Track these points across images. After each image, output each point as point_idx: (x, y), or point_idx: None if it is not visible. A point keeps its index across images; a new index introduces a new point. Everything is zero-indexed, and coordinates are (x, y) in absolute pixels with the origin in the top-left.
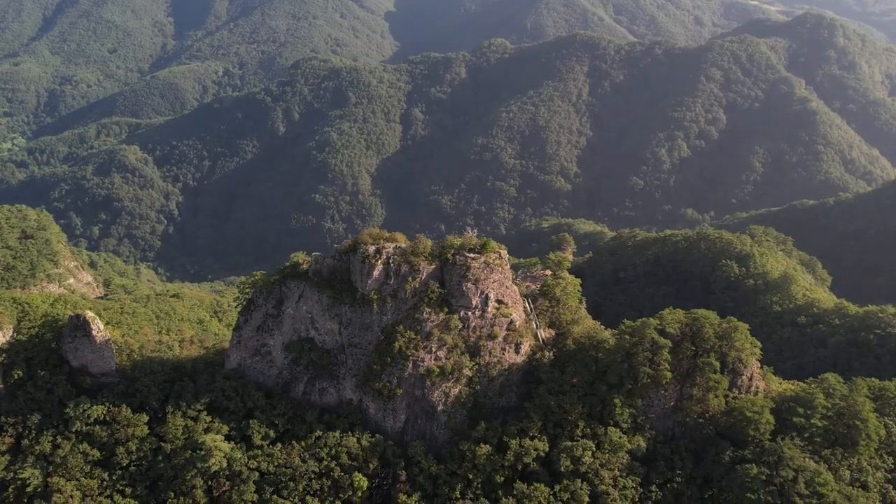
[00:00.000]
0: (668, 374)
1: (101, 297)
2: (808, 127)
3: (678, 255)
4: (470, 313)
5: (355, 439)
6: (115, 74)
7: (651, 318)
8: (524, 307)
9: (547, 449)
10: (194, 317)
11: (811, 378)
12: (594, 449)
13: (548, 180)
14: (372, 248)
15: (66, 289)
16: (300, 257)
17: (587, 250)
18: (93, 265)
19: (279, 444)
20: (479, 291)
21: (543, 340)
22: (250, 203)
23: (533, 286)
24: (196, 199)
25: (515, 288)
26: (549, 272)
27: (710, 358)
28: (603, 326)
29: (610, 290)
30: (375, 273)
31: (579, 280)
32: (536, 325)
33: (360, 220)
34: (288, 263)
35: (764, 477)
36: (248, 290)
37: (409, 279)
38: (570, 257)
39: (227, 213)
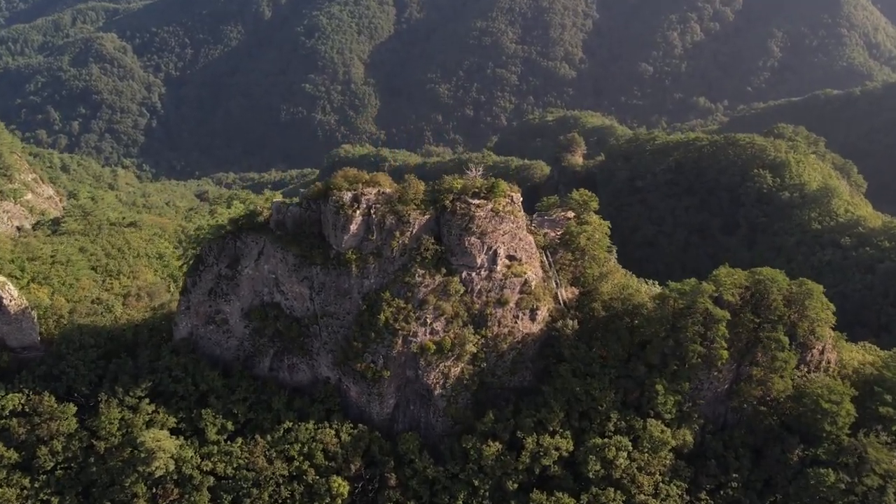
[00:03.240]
0: (725, 354)
1: (53, 223)
2: (830, 8)
3: (703, 161)
4: (474, 274)
5: (333, 432)
6: None
7: (705, 283)
8: (541, 262)
9: (571, 448)
10: (153, 250)
11: None
12: (630, 448)
13: (551, 67)
14: (348, 195)
15: (24, 206)
16: (258, 202)
17: (595, 148)
18: (65, 169)
19: (239, 440)
20: (486, 247)
21: (565, 303)
22: (236, 94)
23: (552, 233)
24: (179, 90)
25: (531, 238)
26: (571, 214)
27: (777, 332)
28: (633, 275)
29: (626, 200)
30: (353, 227)
31: (608, 223)
32: (557, 284)
33: (352, 111)
34: (242, 211)
35: (843, 485)
36: (193, 247)
37: (397, 234)
38: (581, 160)
39: (212, 105)
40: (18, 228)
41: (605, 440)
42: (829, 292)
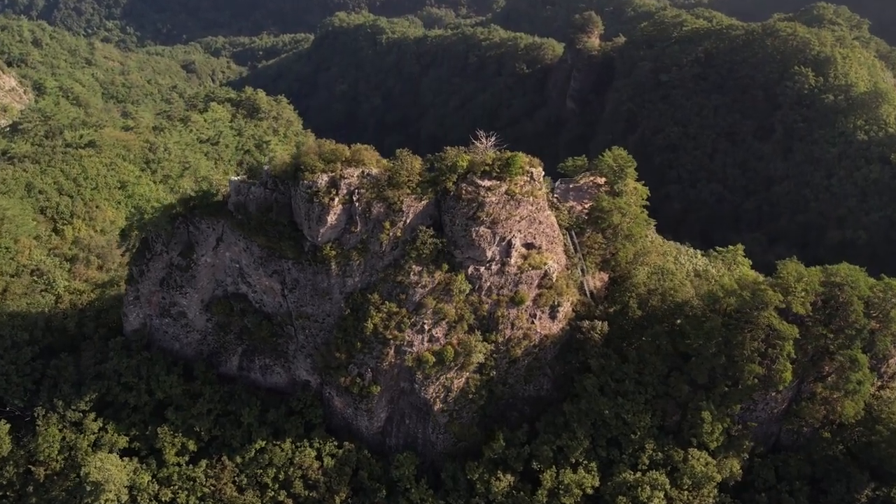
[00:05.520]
0: (789, 376)
1: (10, 130)
2: None
3: (736, 53)
4: (483, 269)
5: (314, 453)
6: None
7: (769, 289)
8: (565, 246)
9: (597, 483)
10: (114, 179)
11: None
12: (667, 486)
13: None
14: (324, 179)
15: None
16: (215, 178)
17: (612, 22)
18: (37, 43)
19: (203, 462)
20: (498, 237)
21: (592, 294)
22: None
23: (578, 206)
24: None
25: (553, 219)
26: (602, 181)
27: (853, 349)
28: (669, 244)
29: (648, 95)
30: (331, 217)
31: (647, 189)
32: (583, 272)
33: None
34: (194, 191)
35: None
36: (133, 234)
37: (387, 224)
38: (597, 43)
39: None
40: None
41: (638, 475)
42: (871, 217)
